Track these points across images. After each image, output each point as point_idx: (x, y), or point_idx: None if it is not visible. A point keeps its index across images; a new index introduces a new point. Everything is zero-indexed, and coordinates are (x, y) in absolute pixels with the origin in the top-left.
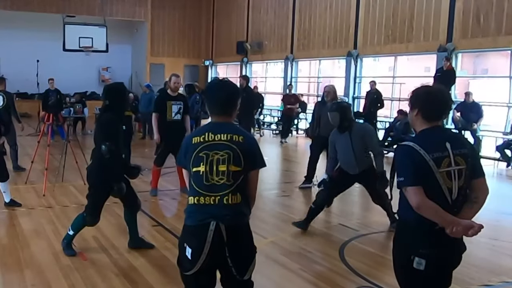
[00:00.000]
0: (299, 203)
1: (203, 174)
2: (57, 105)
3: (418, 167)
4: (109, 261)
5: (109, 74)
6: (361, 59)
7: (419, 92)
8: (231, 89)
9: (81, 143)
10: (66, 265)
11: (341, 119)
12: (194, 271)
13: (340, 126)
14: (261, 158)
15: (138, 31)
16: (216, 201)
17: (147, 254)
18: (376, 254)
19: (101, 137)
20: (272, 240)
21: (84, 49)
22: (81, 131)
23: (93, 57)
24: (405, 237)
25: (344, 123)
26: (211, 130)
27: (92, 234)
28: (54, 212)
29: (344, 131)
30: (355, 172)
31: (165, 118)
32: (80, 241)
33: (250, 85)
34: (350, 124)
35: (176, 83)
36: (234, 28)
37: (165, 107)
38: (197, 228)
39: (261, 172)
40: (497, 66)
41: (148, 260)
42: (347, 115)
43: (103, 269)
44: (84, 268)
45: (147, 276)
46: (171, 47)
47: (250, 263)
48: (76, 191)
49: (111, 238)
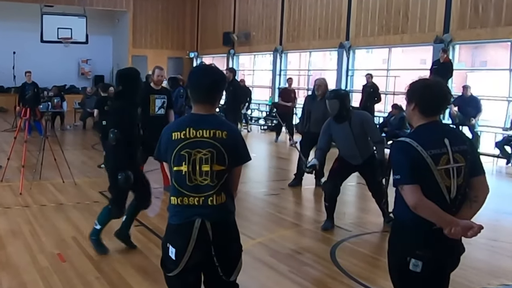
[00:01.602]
0: (289, 202)
1: (185, 174)
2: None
3: (415, 165)
4: (90, 263)
5: (89, 66)
6: (353, 51)
7: (416, 85)
8: (217, 76)
9: (59, 139)
10: (44, 267)
11: (340, 107)
12: (177, 271)
13: (339, 115)
14: (245, 152)
15: (120, 22)
16: (201, 202)
17: (129, 256)
18: (369, 255)
19: (110, 125)
20: (260, 240)
21: (63, 40)
22: (60, 127)
23: (72, 49)
24: (401, 238)
25: (342, 112)
26: (192, 124)
27: (72, 234)
28: (31, 211)
29: (342, 120)
30: (359, 163)
31: (147, 113)
32: (58, 242)
33: (237, 78)
34: (348, 113)
35: (159, 76)
36: (220, 18)
37: (148, 101)
38: (181, 226)
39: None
40: (496, 58)
41: (130, 262)
42: (346, 104)
43: (83, 272)
44: (63, 270)
45: (129, 279)
46: (154, 38)
47: (237, 263)
48: (55, 190)
49: None
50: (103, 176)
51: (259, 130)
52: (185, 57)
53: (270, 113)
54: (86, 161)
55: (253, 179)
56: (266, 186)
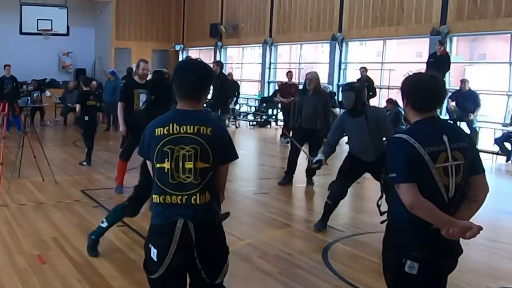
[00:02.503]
0: (279, 201)
1: (168, 171)
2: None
3: (412, 162)
4: (70, 265)
5: (70, 59)
6: (346, 43)
7: (407, 80)
8: (203, 71)
9: (39, 135)
10: (23, 269)
11: (356, 100)
12: (160, 274)
13: (354, 108)
14: (231, 151)
15: (102, 13)
16: (184, 201)
17: (112, 257)
18: (363, 257)
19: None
20: (249, 241)
21: (43, 32)
22: (40, 122)
23: (52, 41)
24: (397, 239)
25: (358, 105)
26: (175, 120)
27: (52, 235)
28: (9, 211)
29: (357, 115)
30: (371, 160)
31: (131, 108)
32: (38, 243)
33: (224, 71)
34: (363, 107)
35: (144, 70)
36: (207, 9)
37: (132, 96)
38: (163, 227)
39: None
40: (495, 51)
41: (112, 263)
42: (362, 97)
43: (63, 274)
44: (42, 272)
45: (112, 281)
46: (138, 30)
47: (222, 265)
48: (34, 188)
49: (72, 239)
50: (85, 174)
51: (247, 126)
52: (171, 49)
53: (259, 108)
54: (67, 159)
55: (242, 177)
56: (255, 185)
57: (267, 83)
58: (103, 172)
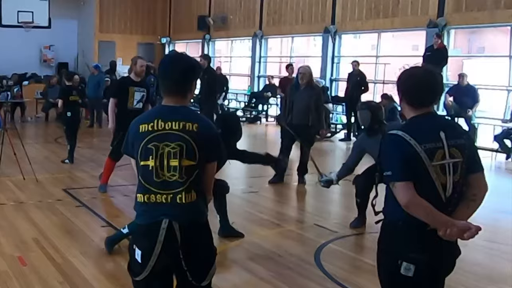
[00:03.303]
0: (269, 201)
1: (152, 169)
2: None
3: (407, 160)
4: (52, 267)
5: (52, 53)
6: (339, 36)
7: (401, 75)
8: (188, 65)
9: (20, 132)
10: (3, 271)
11: (372, 119)
12: (144, 276)
13: (370, 128)
14: (218, 149)
15: (85, 4)
16: (169, 200)
17: (95, 259)
18: (357, 258)
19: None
20: (238, 242)
21: (24, 24)
22: (20, 118)
23: (33, 33)
24: (392, 239)
25: (374, 124)
26: (161, 116)
27: (33, 236)
28: None
29: (374, 134)
30: None
31: (125, 106)
32: (18, 244)
33: (212, 65)
34: (381, 126)
35: (143, 67)
36: (195, 1)
37: (127, 93)
38: (148, 227)
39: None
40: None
41: (96, 265)
42: (378, 116)
43: (45, 276)
44: (23, 275)
45: (96, 284)
46: (123, 23)
47: (209, 267)
48: (14, 187)
49: (54, 240)
50: (67, 172)
51: None
52: (157, 42)
53: (249, 103)
54: (48, 156)
55: (230, 175)
56: (244, 183)
57: (257, 78)
58: (86, 170)
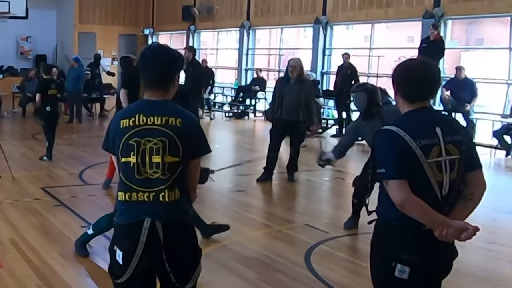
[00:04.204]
0: (257, 200)
1: (134, 166)
2: None
3: (402, 157)
4: (30, 269)
5: (30, 44)
6: (331, 27)
7: (397, 68)
8: (170, 57)
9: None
10: None
11: (368, 102)
12: (126, 278)
13: (367, 111)
14: (202, 144)
15: None
16: (151, 198)
17: (75, 261)
18: (349, 260)
19: None
20: (225, 243)
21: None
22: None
23: (10, 24)
24: (386, 240)
25: (371, 108)
26: (142, 111)
27: (9, 236)
28: None
29: (371, 117)
30: None
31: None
32: None
33: (198, 58)
34: (378, 109)
35: None
36: None
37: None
38: (129, 227)
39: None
40: (494, 35)
41: (75, 267)
42: (375, 99)
43: (22, 279)
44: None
45: (75, 286)
46: (104, 13)
47: (193, 269)
48: None
49: (31, 241)
50: (45, 170)
51: (223, 117)
52: (139, 34)
53: (236, 98)
54: (26, 153)
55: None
56: (231, 181)
57: (245, 71)
58: (66, 168)
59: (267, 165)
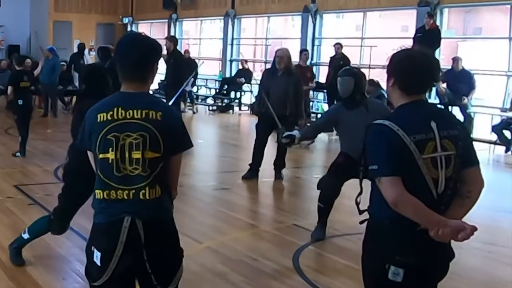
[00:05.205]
0: (243, 198)
1: (112, 162)
2: None
3: (395, 152)
4: (1, 271)
5: (2, 34)
6: (321, 15)
7: (396, 57)
8: (147, 47)
9: None
10: None
11: (355, 88)
12: (104, 280)
13: (351, 98)
14: (184, 139)
15: None
16: (131, 196)
17: (49, 262)
18: (339, 262)
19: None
20: (208, 245)
21: None
22: None
23: None
24: (379, 241)
25: (356, 95)
26: (120, 104)
27: None
28: None
29: (354, 106)
30: None
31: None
32: None
33: (180, 48)
34: (362, 98)
35: None
36: None
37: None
38: (108, 226)
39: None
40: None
41: (49, 269)
42: (361, 86)
43: None
44: None
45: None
46: (80, 1)
47: (175, 270)
48: None
49: (3, 242)
50: (18, 167)
51: (206, 111)
52: (118, 23)
53: (220, 90)
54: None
55: (200, 170)
56: (215, 179)
57: (229, 62)
58: (40, 165)
59: (253, 162)
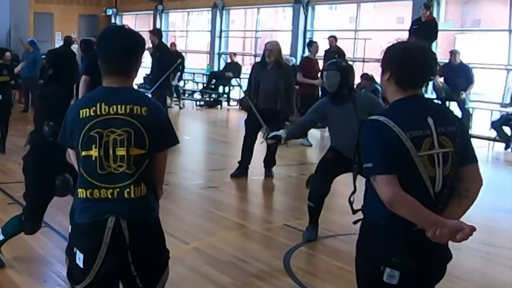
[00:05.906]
0: (231, 197)
1: (96, 160)
2: None
3: (390, 150)
4: None
5: None
6: (312, 7)
7: (392, 50)
8: (129, 40)
9: None
10: None
11: (341, 83)
12: (87, 283)
13: (338, 93)
14: (170, 135)
15: None
16: (115, 195)
17: (30, 265)
18: (332, 264)
19: (43, 115)
20: (195, 245)
21: None
22: None
23: None
24: (373, 242)
25: (343, 90)
26: (104, 99)
27: None
28: None
29: (342, 101)
30: None
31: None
32: None
33: (165, 41)
34: (350, 93)
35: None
36: None
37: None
38: (91, 226)
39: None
40: (492, 17)
41: (31, 272)
42: (349, 80)
43: None
44: None
45: None
46: None
47: (161, 272)
48: None
49: None
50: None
51: (194, 106)
52: (101, 14)
53: (208, 85)
54: None
55: (187, 168)
56: (203, 177)
57: (218, 55)
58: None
59: (242, 159)
